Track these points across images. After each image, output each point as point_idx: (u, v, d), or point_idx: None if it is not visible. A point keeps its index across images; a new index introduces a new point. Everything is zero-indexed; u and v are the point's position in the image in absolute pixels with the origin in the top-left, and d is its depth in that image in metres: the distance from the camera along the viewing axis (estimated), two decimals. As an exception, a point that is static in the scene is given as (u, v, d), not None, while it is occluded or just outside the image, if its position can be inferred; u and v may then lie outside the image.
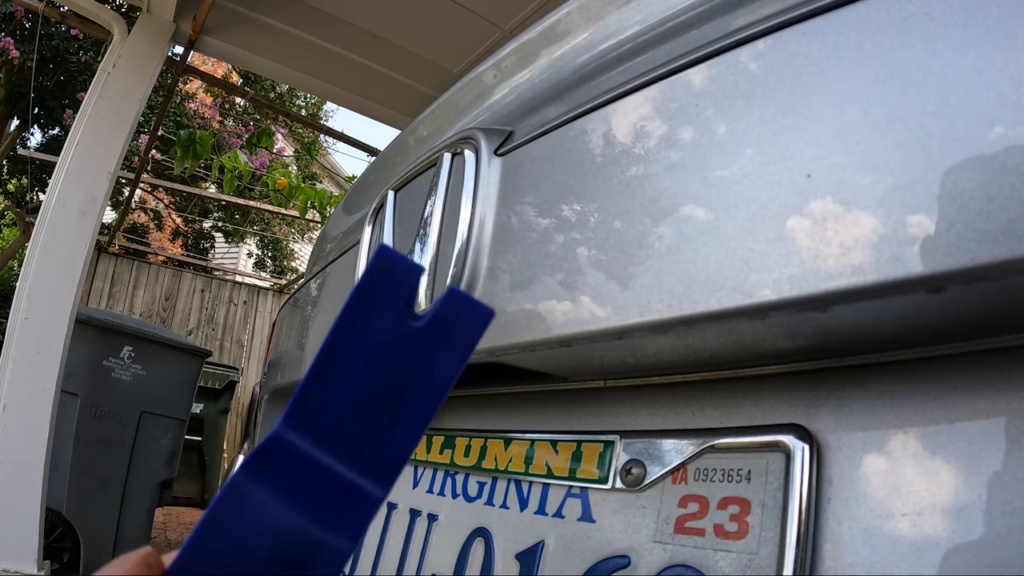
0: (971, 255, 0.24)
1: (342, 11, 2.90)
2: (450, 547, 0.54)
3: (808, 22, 0.32)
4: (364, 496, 0.23)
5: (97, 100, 2.54)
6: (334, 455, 0.23)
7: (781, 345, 0.36)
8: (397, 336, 0.24)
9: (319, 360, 0.23)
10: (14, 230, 9.20)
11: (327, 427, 0.23)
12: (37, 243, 2.40)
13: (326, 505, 0.23)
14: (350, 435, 0.24)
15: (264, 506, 0.22)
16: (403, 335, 0.24)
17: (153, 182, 7.54)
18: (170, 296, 7.27)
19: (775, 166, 0.31)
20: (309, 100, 8.72)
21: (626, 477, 0.42)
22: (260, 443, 0.23)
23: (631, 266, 0.37)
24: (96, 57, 5.87)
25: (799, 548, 0.32)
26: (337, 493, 0.23)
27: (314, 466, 0.23)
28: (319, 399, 0.24)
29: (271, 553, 0.22)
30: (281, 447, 0.23)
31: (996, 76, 0.25)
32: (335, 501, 0.23)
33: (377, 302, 0.24)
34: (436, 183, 0.55)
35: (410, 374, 0.24)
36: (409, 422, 0.24)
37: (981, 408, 0.29)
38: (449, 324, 0.24)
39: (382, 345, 0.24)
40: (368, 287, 0.24)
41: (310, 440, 0.23)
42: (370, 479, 0.23)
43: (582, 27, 0.50)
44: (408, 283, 0.24)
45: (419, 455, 0.64)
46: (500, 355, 0.46)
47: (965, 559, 0.27)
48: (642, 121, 0.40)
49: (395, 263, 0.24)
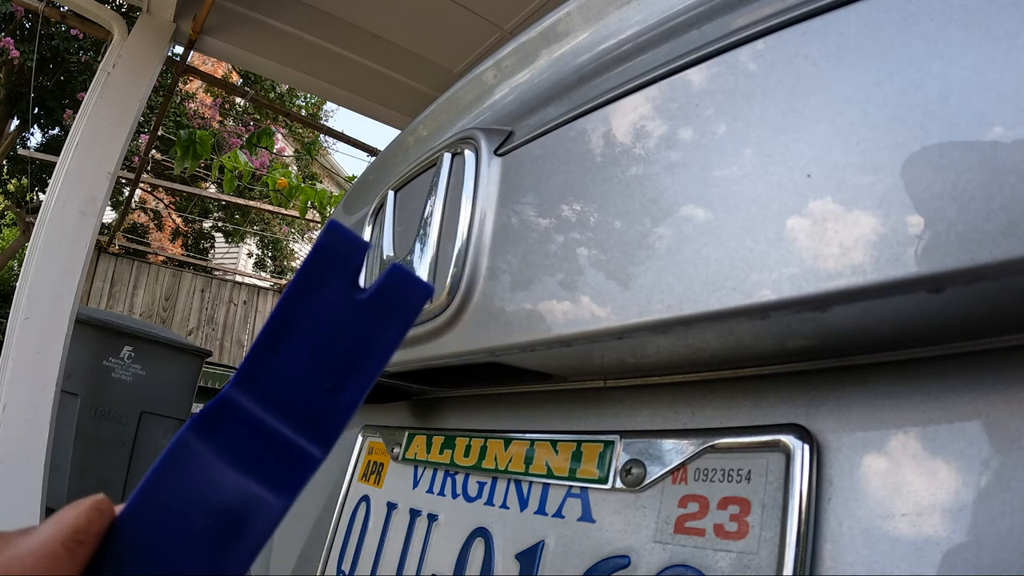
0: (971, 255, 0.24)
1: (342, 11, 2.90)
2: (450, 547, 0.54)
3: (808, 22, 0.32)
4: (304, 457, 0.25)
5: (97, 100, 2.54)
6: (278, 417, 0.25)
7: (781, 345, 0.36)
8: (342, 308, 0.25)
9: (268, 327, 0.25)
10: (14, 230, 9.20)
11: (273, 391, 0.25)
12: (37, 243, 2.40)
13: (268, 464, 0.24)
14: (294, 399, 0.25)
15: (208, 462, 0.24)
16: (348, 307, 0.25)
17: (153, 182, 7.55)
18: (170, 296, 7.28)
19: (775, 166, 0.31)
20: (309, 100, 8.72)
21: (626, 477, 0.42)
22: (209, 403, 0.25)
23: (631, 266, 0.37)
24: (96, 57, 5.88)
25: (799, 548, 0.32)
26: (279, 453, 0.24)
27: (259, 427, 0.25)
28: (267, 364, 0.25)
29: (213, 507, 0.23)
30: (228, 407, 0.24)
31: (996, 76, 0.25)
32: (276, 460, 0.24)
33: (326, 275, 0.25)
34: (436, 183, 0.55)
35: (353, 344, 0.25)
36: (350, 389, 0.25)
37: (981, 408, 0.29)
38: (391, 299, 0.25)
39: (328, 315, 0.25)
40: (317, 260, 0.25)
41: (257, 402, 0.25)
42: (311, 441, 0.25)
43: (582, 27, 0.50)
44: (354, 258, 0.25)
45: (419, 455, 0.64)
46: (500, 355, 0.46)
47: (965, 559, 0.27)
48: (642, 121, 0.40)
49: (343, 238, 0.25)
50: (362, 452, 0.74)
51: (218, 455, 0.24)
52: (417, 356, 0.53)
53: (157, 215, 8.93)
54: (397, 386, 0.72)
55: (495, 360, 0.48)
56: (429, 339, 0.51)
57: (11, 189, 7.77)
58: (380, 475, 0.69)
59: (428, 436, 0.65)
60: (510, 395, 0.60)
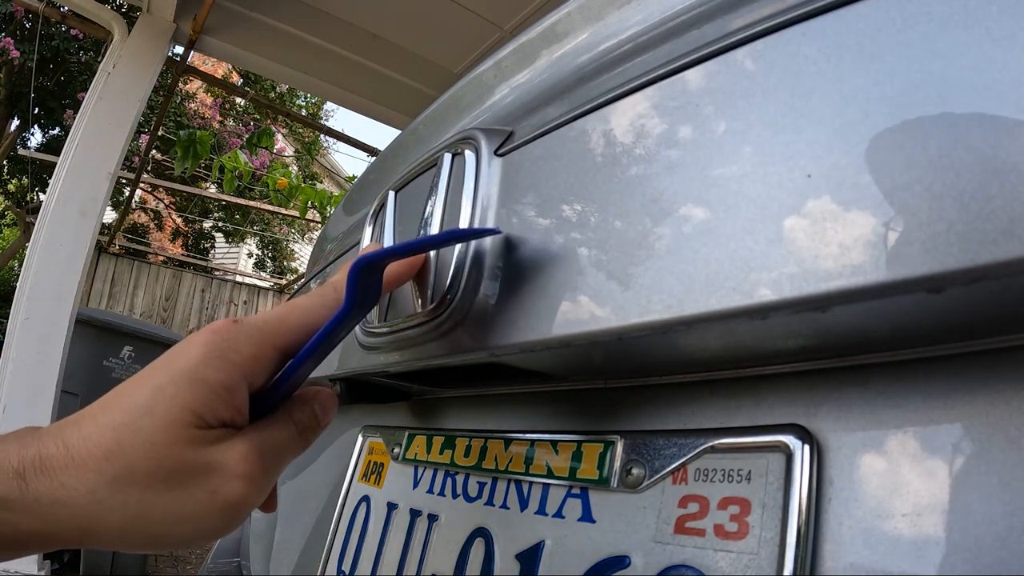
0: (971, 255, 0.24)
1: (342, 11, 2.90)
2: (450, 547, 0.54)
3: (808, 22, 0.32)
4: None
5: (97, 100, 2.54)
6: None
7: (781, 345, 0.36)
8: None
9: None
10: (14, 230, 9.19)
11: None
12: (37, 243, 2.40)
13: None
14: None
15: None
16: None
17: (153, 182, 7.55)
18: (170, 296, 7.28)
19: (775, 166, 0.31)
20: (309, 100, 8.72)
21: (626, 477, 0.42)
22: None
23: (631, 266, 0.37)
24: (96, 57, 5.88)
25: (799, 548, 0.32)
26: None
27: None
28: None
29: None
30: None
31: (996, 76, 0.25)
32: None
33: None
34: (436, 183, 0.55)
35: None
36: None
37: (981, 408, 0.29)
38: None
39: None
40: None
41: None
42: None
43: (582, 27, 0.50)
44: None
45: (420, 455, 0.64)
46: (500, 355, 0.46)
47: (965, 559, 0.27)
48: (642, 121, 0.40)
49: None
50: (362, 452, 0.74)
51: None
52: (417, 356, 0.53)
53: (157, 215, 8.93)
54: (397, 386, 0.72)
55: (495, 360, 0.48)
56: (429, 339, 0.51)
57: (11, 189, 7.77)
58: (380, 475, 0.69)
59: (428, 436, 0.65)
60: (510, 395, 0.60)
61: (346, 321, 0.39)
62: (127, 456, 0.31)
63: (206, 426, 0.33)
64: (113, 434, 0.31)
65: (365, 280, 0.38)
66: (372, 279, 0.40)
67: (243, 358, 0.35)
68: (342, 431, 0.87)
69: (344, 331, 0.40)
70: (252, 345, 0.36)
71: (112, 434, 0.31)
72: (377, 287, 0.41)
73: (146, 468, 0.31)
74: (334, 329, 0.38)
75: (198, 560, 4.21)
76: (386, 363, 0.57)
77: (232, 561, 1.05)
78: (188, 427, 0.32)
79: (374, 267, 0.39)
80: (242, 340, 0.35)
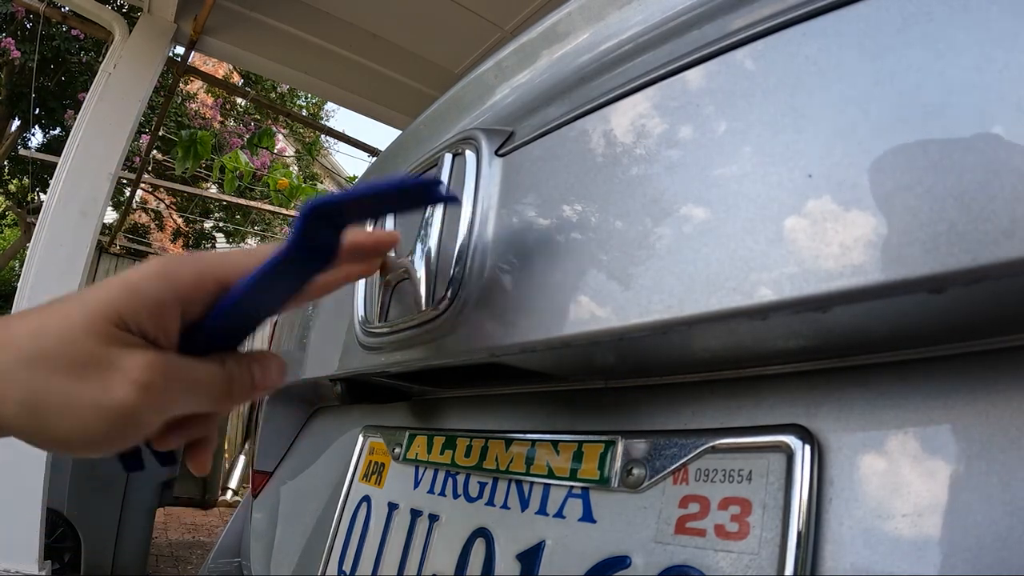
0: (971, 255, 0.24)
1: (342, 11, 2.90)
2: (451, 547, 0.54)
3: (808, 22, 0.32)
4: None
5: (98, 101, 2.54)
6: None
7: (782, 345, 0.36)
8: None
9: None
10: (15, 230, 9.20)
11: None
12: (38, 243, 2.40)
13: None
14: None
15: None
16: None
17: (154, 182, 7.55)
18: (171, 296, 7.26)
19: (775, 166, 0.31)
20: (310, 100, 8.72)
21: (627, 477, 0.42)
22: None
23: (631, 266, 0.37)
24: (97, 58, 5.88)
25: (800, 548, 0.32)
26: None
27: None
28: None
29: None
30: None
31: (996, 76, 0.25)
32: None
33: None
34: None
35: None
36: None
37: (981, 408, 0.29)
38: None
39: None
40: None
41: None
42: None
43: (582, 27, 0.50)
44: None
45: (420, 455, 0.64)
46: (500, 355, 0.46)
47: (965, 559, 0.27)
48: (643, 121, 0.40)
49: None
50: (363, 452, 0.75)
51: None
52: (418, 356, 0.53)
53: (158, 215, 8.93)
54: (398, 386, 0.72)
55: (495, 360, 0.48)
56: (429, 339, 0.51)
57: (12, 189, 7.78)
58: (381, 475, 0.69)
59: (429, 436, 0.65)
60: (511, 395, 0.60)
61: (291, 266, 0.37)
62: (46, 338, 0.33)
63: (126, 329, 0.34)
64: (45, 318, 0.34)
65: (317, 226, 0.36)
66: (327, 231, 0.38)
67: (181, 280, 0.36)
68: (343, 431, 0.87)
69: (292, 279, 0.39)
70: (193, 271, 0.37)
71: (44, 319, 0.34)
72: (333, 241, 0.38)
73: (57, 351, 0.33)
74: (275, 267, 0.37)
75: (198, 560, 4.22)
76: (387, 363, 0.57)
77: (233, 561, 1.05)
78: (107, 323, 0.34)
79: (329, 214, 0.37)
80: (186, 264, 0.37)
